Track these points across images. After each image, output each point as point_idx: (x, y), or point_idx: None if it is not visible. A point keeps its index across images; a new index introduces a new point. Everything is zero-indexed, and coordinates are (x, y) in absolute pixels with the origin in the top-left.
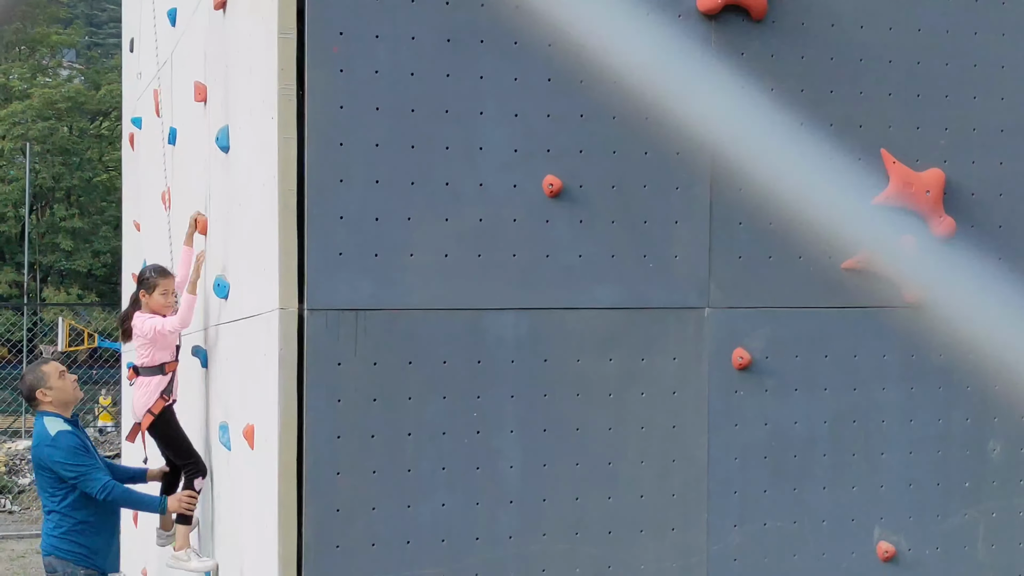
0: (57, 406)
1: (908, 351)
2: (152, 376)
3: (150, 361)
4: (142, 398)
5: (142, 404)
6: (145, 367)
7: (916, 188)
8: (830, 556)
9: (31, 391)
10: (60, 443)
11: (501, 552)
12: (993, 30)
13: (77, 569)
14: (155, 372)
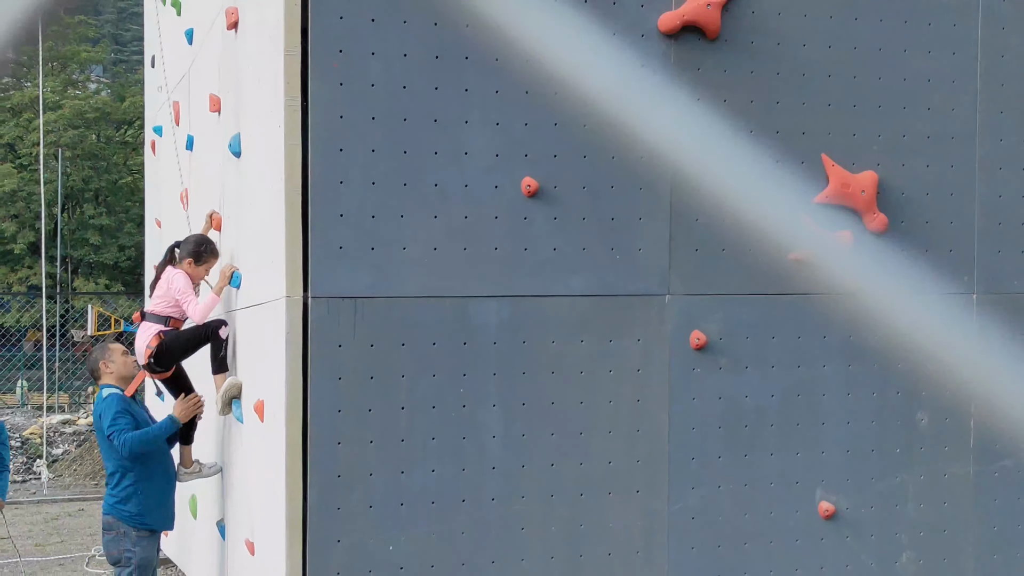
0: (116, 379)
1: (847, 333)
2: (155, 324)
3: (160, 310)
4: (142, 339)
5: (142, 345)
6: (152, 313)
7: (853, 188)
8: (777, 515)
9: (96, 363)
10: (108, 402)
11: (485, 513)
12: (920, 47)
13: (130, 529)
14: (158, 321)
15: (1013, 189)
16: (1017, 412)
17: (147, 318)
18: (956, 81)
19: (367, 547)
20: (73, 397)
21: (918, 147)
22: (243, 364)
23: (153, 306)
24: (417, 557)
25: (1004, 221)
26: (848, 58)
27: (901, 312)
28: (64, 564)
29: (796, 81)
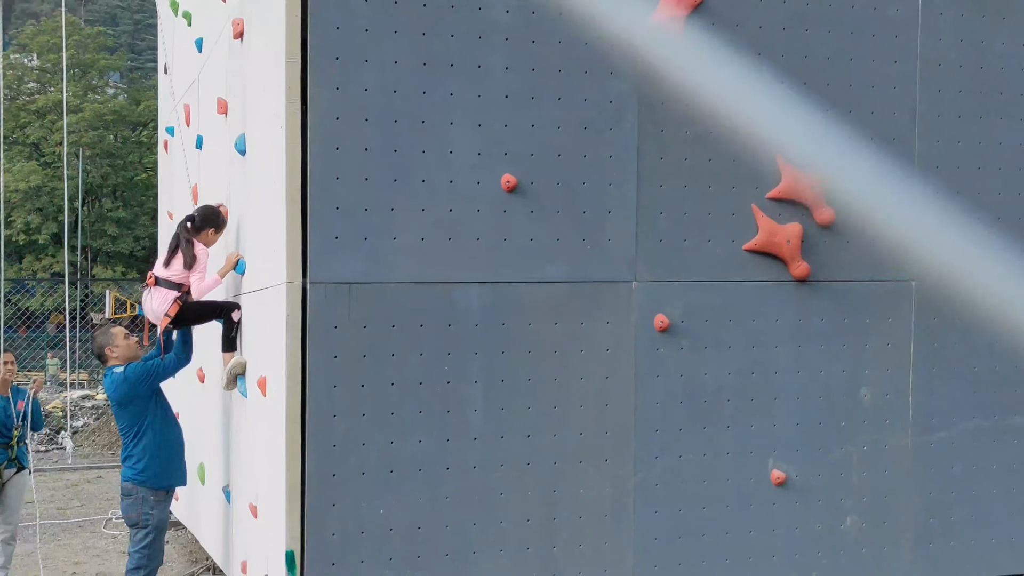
0: (122, 360)
1: (797, 317)
2: (170, 290)
3: (177, 278)
4: (160, 305)
5: (160, 309)
6: (166, 280)
7: (803, 184)
8: (733, 482)
9: (101, 349)
10: (129, 375)
11: (467, 480)
12: (865, 57)
13: (148, 493)
14: (172, 288)
15: (947, 186)
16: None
17: (160, 283)
18: (897, 87)
19: (360, 511)
20: (92, 374)
21: (863, 146)
22: (247, 343)
23: (170, 274)
24: (405, 520)
25: (941, 211)
26: (799, 66)
27: (845, 298)
28: (84, 526)
29: (751, 86)
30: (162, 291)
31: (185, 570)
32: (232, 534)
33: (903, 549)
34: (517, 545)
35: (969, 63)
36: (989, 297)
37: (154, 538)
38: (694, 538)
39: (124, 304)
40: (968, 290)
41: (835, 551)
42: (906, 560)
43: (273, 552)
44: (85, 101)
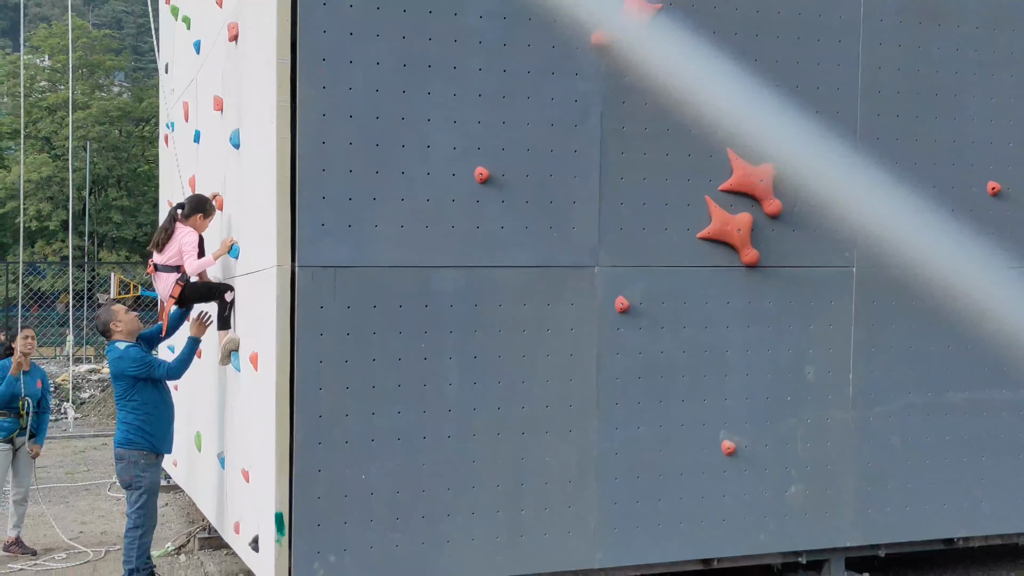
0: (125, 335)
1: (747, 300)
2: (169, 273)
3: (174, 262)
4: (165, 288)
5: (166, 292)
6: (165, 265)
7: (753, 177)
8: (687, 452)
9: (105, 325)
10: (129, 354)
11: (442, 449)
12: (811, 60)
13: (138, 457)
14: (171, 271)
15: (888, 178)
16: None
17: (160, 269)
18: (840, 88)
19: (343, 476)
20: (98, 349)
21: (812, 142)
22: (241, 322)
23: (167, 259)
24: (385, 485)
25: (880, 203)
26: (751, 69)
27: (791, 283)
28: (90, 489)
29: (705, 87)
30: (164, 276)
31: (183, 530)
32: (226, 497)
33: (844, 515)
34: (488, 509)
35: (907, 66)
36: (926, 279)
37: (147, 499)
38: (651, 503)
39: (128, 285)
40: (905, 272)
41: (781, 516)
42: (846, 525)
43: (264, 514)
44: (93, 98)
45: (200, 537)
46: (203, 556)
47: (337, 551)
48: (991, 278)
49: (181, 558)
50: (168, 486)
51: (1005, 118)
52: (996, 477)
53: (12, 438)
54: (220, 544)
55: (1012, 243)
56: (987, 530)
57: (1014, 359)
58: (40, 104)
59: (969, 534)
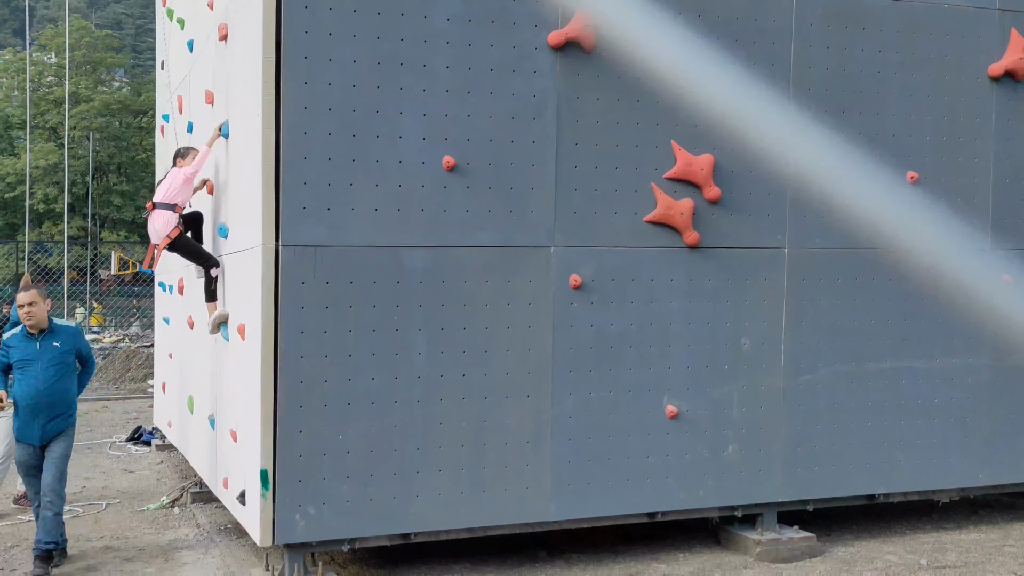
0: None
1: (688, 277)
2: (166, 211)
3: (169, 199)
4: (162, 227)
5: (162, 230)
6: (162, 202)
7: (695, 167)
8: (634, 415)
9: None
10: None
11: (412, 411)
12: (746, 62)
13: (15, 442)
14: (168, 208)
15: (815, 167)
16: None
17: (158, 207)
18: (775, 85)
19: (322, 436)
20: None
21: (744, 134)
22: (230, 296)
23: (163, 196)
24: (360, 444)
25: (806, 192)
26: (689, 70)
27: (728, 262)
28: (92, 448)
29: (653, 84)
30: (162, 212)
31: (176, 485)
32: (216, 455)
33: (775, 473)
34: (453, 466)
35: (834, 66)
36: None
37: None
38: (601, 462)
39: (127, 263)
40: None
41: (719, 474)
42: (778, 482)
43: (250, 470)
44: (95, 92)
45: (192, 492)
46: (195, 509)
47: (316, 504)
48: (908, 260)
49: (175, 511)
50: (163, 445)
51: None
52: (912, 439)
53: None
54: (210, 498)
55: (929, 228)
56: (905, 487)
57: (926, 332)
58: (48, 97)
59: (888, 491)
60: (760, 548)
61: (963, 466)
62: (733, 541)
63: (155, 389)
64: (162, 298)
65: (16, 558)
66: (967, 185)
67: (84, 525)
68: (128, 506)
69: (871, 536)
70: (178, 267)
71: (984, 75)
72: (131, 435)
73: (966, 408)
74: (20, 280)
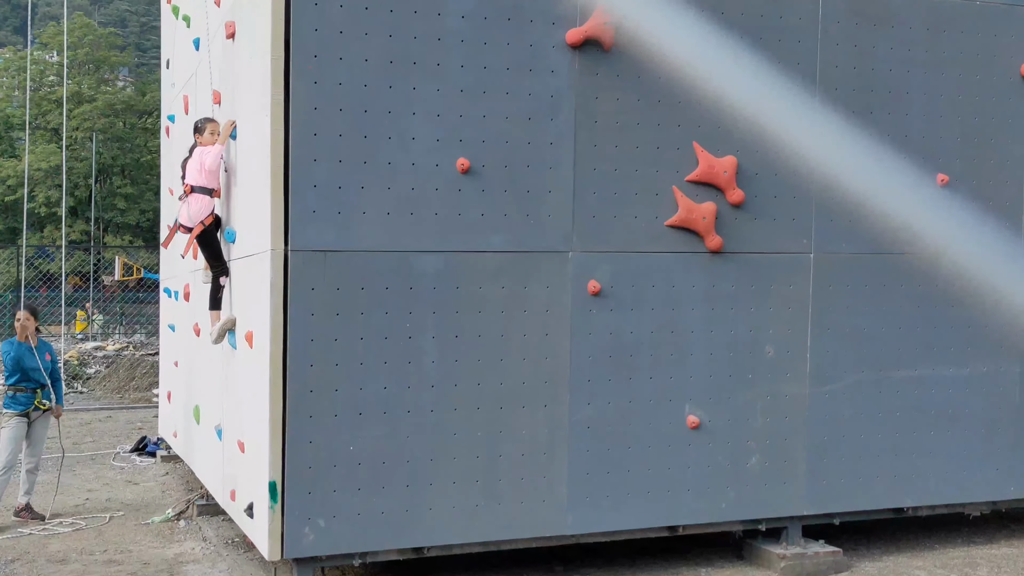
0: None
1: (710, 283)
2: (204, 195)
3: (206, 183)
4: (200, 210)
5: (198, 214)
6: (200, 186)
7: (717, 169)
8: (654, 425)
9: None
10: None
11: (425, 421)
12: (772, 61)
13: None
14: (206, 193)
15: (841, 169)
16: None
17: (196, 190)
18: (800, 85)
19: (332, 447)
20: (104, 328)
21: (769, 137)
22: (237, 302)
23: (198, 180)
24: (371, 455)
25: (833, 195)
26: (711, 69)
27: (752, 267)
28: (95, 459)
29: (674, 83)
30: (199, 197)
31: (182, 497)
32: (223, 467)
33: (800, 485)
34: (467, 478)
35: (861, 65)
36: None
37: None
38: (620, 473)
39: (131, 268)
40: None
41: (741, 486)
42: (802, 494)
43: (258, 482)
44: (98, 92)
45: (198, 504)
46: (201, 522)
47: (326, 517)
48: (936, 265)
49: (181, 523)
50: (168, 456)
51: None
52: (939, 449)
53: (28, 412)
54: (217, 511)
55: (958, 231)
56: (933, 500)
57: (954, 339)
58: (49, 97)
59: (916, 503)
60: (785, 563)
61: (992, 478)
62: (757, 555)
63: (160, 398)
64: (167, 304)
65: (17, 571)
66: (998, 187)
67: (87, 538)
68: (132, 519)
69: (899, 551)
70: (184, 272)
71: (1016, 74)
72: (135, 446)
73: (994, 417)
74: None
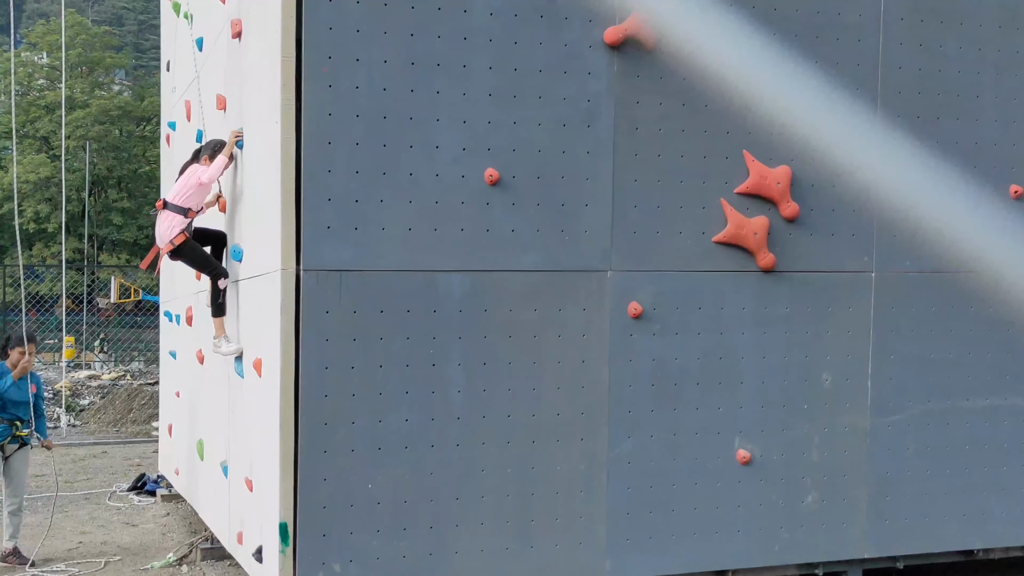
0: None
1: (762, 305)
2: (176, 214)
3: (181, 201)
4: (166, 231)
5: (166, 235)
6: (173, 204)
7: (769, 180)
8: (701, 460)
9: None
10: None
11: (450, 457)
12: (829, 60)
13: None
14: (179, 212)
15: (905, 179)
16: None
17: (168, 207)
18: (860, 89)
19: (349, 485)
20: (99, 356)
21: (827, 145)
22: (244, 326)
23: (174, 197)
24: (392, 494)
25: (896, 208)
26: (763, 70)
27: (807, 287)
28: (89, 498)
29: (722, 86)
30: (170, 215)
31: (184, 540)
32: (229, 506)
33: (859, 525)
34: (497, 519)
35: (927, 66)
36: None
37: None
38: (663, 513)
39: (128, 290)
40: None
41: (796, 526)
42: (863, 536)
43: (267, 524)
44: (92, 97)
45: (202, 548)
46: (205, 567)
47: (343, 562)
48: (1012, 282)
49: (183, 569)
50: (169, 495)
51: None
52: (1014, 486)
53: (3, 445)
54: (223, 555)
55: None
56: (1006, 541)
57: None
58: (38, 103)
59: (987, 545)
60: None
61: None
62: None
63: (160, 432)
64: (168, 329)
65: None
66: None
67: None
68: (130, 564)
69: None
70: (186, 294)
71: None
72: (133, 484)
73: None
74: (7, 309)
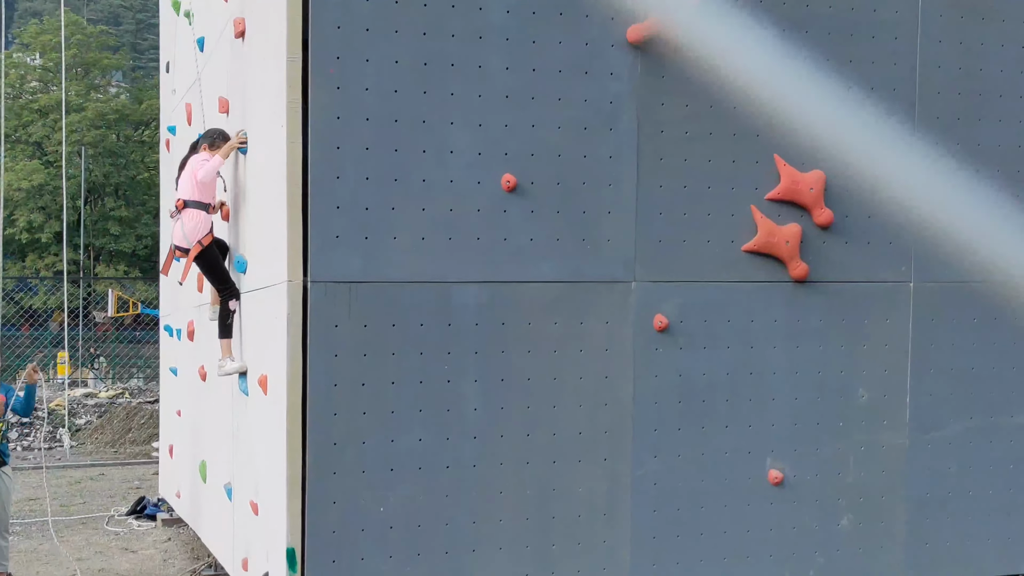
0: None
1: (794, 317)
2: (199, 210)
3: (200, 197)
4: (195, 227)
5: (194, 232)
6: (194, 201)
7: (802, 185)
8: (731, 481)
9: None
10: None
11: (466, 478)
12: (865, 59)
13: None
14: (202, 208)
15: (946, 184)
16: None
17: (190, 205)
18: (897, 89)
19: (360, 508)
20: (96, 372)
21: (863, 149)
22: (249, 341)
23: (192, 194)
24: (405, 517)
25: (935, 215)
26: (795, 70)
27: (842, 298)
28: (86, 523)
29: (752, 87)
30: (194, 213)
31: (187, 567)
32: (234, 531)
33: (898, 548)
34: (515, 543)
35: (968, 66)
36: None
37: None
38: (691, 537)
39: (126, 303)
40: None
41: (831, 550)
42: (900, 559)
43: (274, 549)
44: (88, 100)
45: (206, 574)
46: None
47: None
48: None
49: None
50: (171, 519)
51: None
52: None
53: None
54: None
55: None
56: None
57: None
58: (31, 106)
59: None
60: None
61: None
62: None
63: (161, 453)
64: (168, 344)
65: None
66: None
67: None
68: None
69: None
70: (187, 307)
71: None
72: (133, 507)
73: None
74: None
